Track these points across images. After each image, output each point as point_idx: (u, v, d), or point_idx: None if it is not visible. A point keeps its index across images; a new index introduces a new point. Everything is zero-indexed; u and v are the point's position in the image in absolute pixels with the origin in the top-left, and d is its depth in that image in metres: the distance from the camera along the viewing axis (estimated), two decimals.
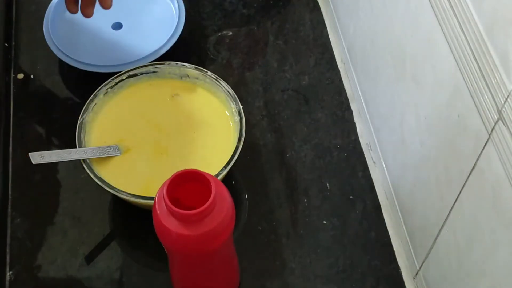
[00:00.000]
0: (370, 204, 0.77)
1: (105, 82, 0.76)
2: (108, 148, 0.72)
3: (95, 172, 0.69)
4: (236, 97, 0.74)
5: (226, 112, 0.76)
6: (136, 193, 0.68)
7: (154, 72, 0.78)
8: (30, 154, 0.68)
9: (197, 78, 0.77)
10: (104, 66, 0.81)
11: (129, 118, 0.76)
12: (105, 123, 0.75)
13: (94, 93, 0.75)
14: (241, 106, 0.74)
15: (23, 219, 0.75)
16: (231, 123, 0.75)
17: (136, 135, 0.75)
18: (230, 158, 0.70)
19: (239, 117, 0.73)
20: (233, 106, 0.74)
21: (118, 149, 0.72)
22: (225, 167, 0.69)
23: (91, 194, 0.76)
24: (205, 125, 0.76)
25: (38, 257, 0.72)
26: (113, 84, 0.76)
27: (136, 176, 0.72)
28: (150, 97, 0.78)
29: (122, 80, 0.77)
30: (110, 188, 0.68)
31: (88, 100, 0.74)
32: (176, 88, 0.78)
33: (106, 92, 0.76)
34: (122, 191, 0.68)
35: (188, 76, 0.78)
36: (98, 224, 0.74)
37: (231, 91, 0.75)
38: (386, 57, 0.71)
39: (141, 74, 0.78)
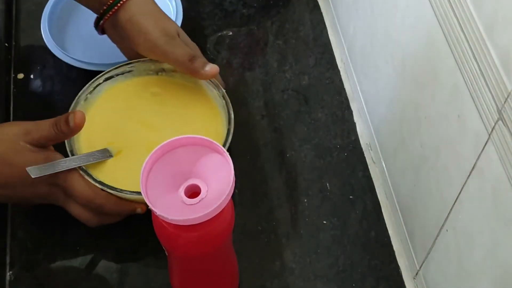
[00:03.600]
0: (370, 204, 0.77)
1: (83, 89, 0.75)
2: (100, 153, 0.71)
3: (94, 177, 0.68)
4: (217, 83, 0.74)
5: (210, 99, 0.75)
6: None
7: (130, 71, 0.77)
8: (27, 169, 0.65)
9: (174, 71, 0.77)
10: (104, 64, 0.81)
11: (114, 120, 0.75)
12: (91, 129, 0.73)
13: (74, 100, 0.74)
14: (224, 90, 0.74)
15: (23, 219, 0.75)
16: (218, 109, 0.75)
17: (125, 136, 0.74)
18: (224, 142, 0.70)
19: (224, 101, 0.73)
20: (215, 92, 0.74)
21: (109, 152, 0.72)
22: None
23: None
24: (192, 115, 0.75)
25: (38, 257, 0.72)
26: (91, 89, 0.75)
27: (133, 175, 0.71)
28: (131, 96, 0.77)
29: (99, 84, 0.76)
30: (112, 189, 0.68)
31: (70, 109, 0.73)
32: (154, 84, 0.77)
33: (86, 99, 0.75)
34: (125, 190, 0.68)
35: (164, 70, 0.77)
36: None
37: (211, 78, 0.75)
38: (386, 57, 0.71)
39: (117, 75, 0.77)
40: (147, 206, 0.68)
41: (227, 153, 0.56)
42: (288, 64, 0.88)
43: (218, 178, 0.55)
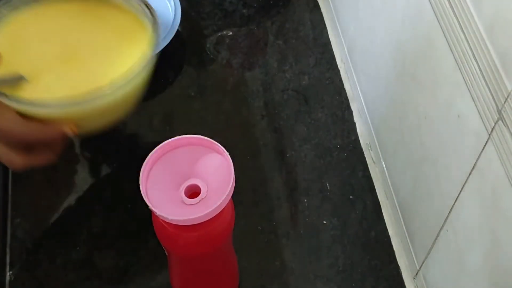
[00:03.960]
0: (370, 204, 0.77)
1: None
2: (12, 76, 0.64)
3: (7, 94, 0.61)
4: None
5: (129, 11, 0.70)
6: None
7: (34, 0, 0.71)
8: None
9: None
10: None
11: (26, 47, 0.69)
12: None
13: None
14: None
15: (23, 219, 0.75)
16: (140, 18, 0.69)
17: (40, 60, 0.67)
18: (153, 46, 0.65)
19: (147, 9, 0.68)
20: (133, 2, 0.69)
21: (22, 77, 0.65)
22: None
23: (90, 194, 0.76)
24: (113, 30, 0.70)
25: (38, 257, 0.72)
26: None
27: (53, 96, 0.63)
28: (43, 23, 0.71)
29: (3, 14, 0.69)
30: (32, 105, 0.61)
31: None
32: (66, 9, 0.72)
33: None
34: (46, 102, 0.61)
35: None
36: (98, 224, 0.74)
37: None
38: (386, 57, 0.71)
39: (23, 4, 0.70)
40: (76, 127, 0.62)
41: (227, 153, 0.56)
42: (288, 64, 0.88)
43: (218, 178, 0.55)
